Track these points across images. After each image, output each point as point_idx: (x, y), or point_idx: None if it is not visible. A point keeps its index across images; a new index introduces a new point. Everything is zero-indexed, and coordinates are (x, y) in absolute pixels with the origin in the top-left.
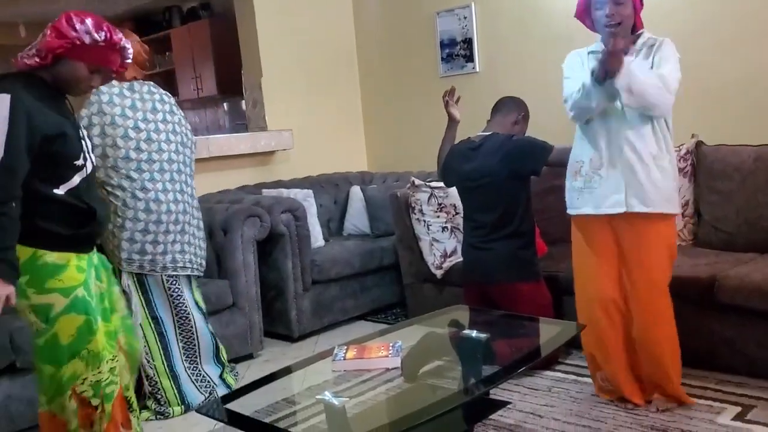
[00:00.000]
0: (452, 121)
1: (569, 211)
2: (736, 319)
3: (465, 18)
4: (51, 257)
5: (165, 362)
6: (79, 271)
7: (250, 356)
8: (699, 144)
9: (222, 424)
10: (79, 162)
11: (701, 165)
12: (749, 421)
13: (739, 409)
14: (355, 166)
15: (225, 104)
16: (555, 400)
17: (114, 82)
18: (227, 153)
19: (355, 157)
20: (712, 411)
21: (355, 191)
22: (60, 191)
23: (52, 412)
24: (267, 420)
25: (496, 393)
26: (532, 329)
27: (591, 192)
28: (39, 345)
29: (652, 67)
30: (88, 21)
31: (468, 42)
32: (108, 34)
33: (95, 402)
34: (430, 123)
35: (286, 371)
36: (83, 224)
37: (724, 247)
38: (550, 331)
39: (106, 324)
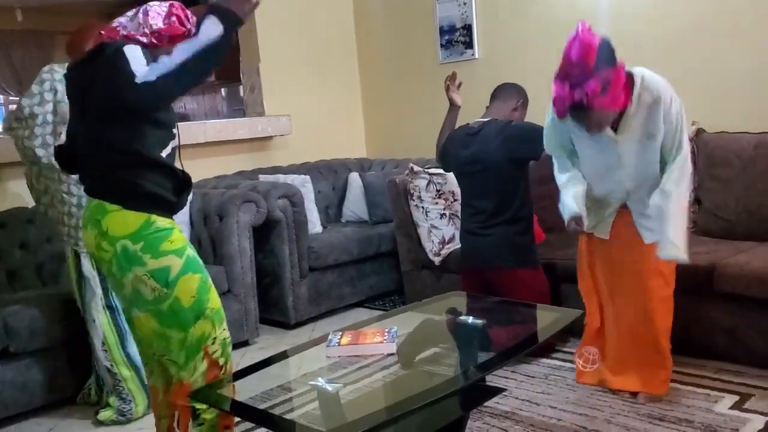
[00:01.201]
0: (453, 106)
1: None
2: (735, 307)
3: (465, 4)
4: (161, 221)
5: (122, 352)
6: (181, 233)
7: (245, 343)
8: (699, 131)
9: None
10: (175, 130)
11: (701, 152)
12: (747, 410)
13: (737, 397)
14: (353, 153)
15: (223, 90)
16: (551, 387)
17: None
18: (224, 138)
19: (353, 143)
20: (710, 399)
21: (354, 177)
22: (163, 154)
23: (181, 380)
24: (261, 406)
25: (493, 380)
26: (529, 316)
27: None
28: (163, 311)
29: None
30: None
31: (467, 28)
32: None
33: (222, 362)
34: (429, 109)
35: (281, 357)
36: (182, 190)
37: (723, 235)
38: (547, 318)
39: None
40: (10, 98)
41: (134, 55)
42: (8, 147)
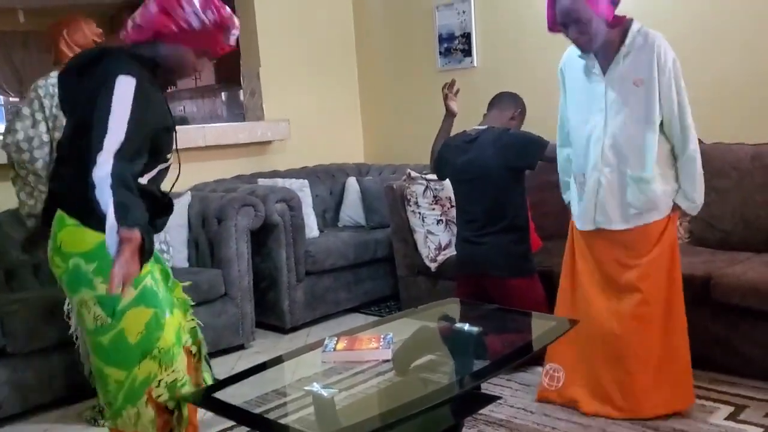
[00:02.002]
0: (449, 114)
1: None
2: (731, 318)
3: (464, 12)
4: None
5: None
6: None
7: (241, 347)
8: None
9: (210, 413)
10: (170, 155)
11: None
12: (742, 421)
13: (732, 408)
14: (352, 158)
15: (223, 94)
16: None
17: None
18: (223, 142)
19: (352, 148)
20: (705, 410)
21: (352, 182)
22: (143, 180)
23: (118, 429)
24: (257, 411)
25: (488, 388)
26: (525, 324)
27: None
28: (103, 344)
29: (657, 69)
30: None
31: (466, 36)
32: (217, 13)
33: (171, 405)
34: (427, 116)
35: (276, 362)
36: (159, 214)
37: (719, 245)
38: (542, 327)
39: (173, 316)
40: (11, 99)
41: (121, 91)
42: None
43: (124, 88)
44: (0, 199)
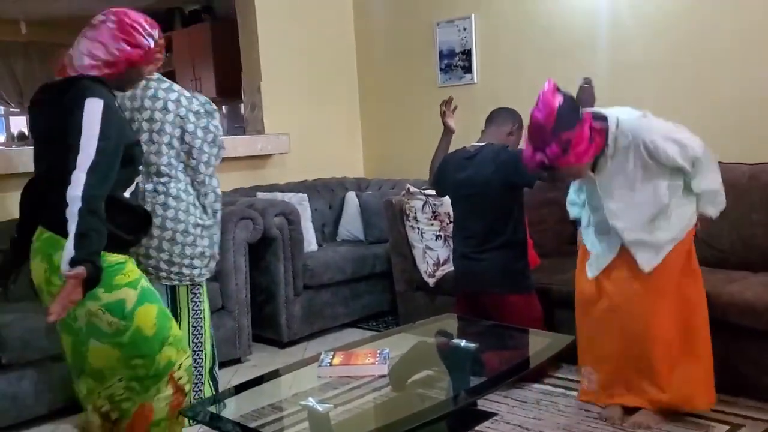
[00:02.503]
0: (447, 131)
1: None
2: (728, 337)
3: (464, 29)
4: (113, 257)
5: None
6: (134, 265)
7: (238, 360)
8: None
9: (206, 428)
10: (142, 167)
11: None
12: None
13: (727, 427)
14: (351, 172)
15: (224, 107)
16: (543, 413)
17: None
18: (224, 155)
19: (352, 163)
20: (701, 429)
21: (351, 197)
22: (126, 194)
23: (143, 404)
24: (252, 425)
25: (484, 404)
26: (522, 340)
27: None
28: (124, 343)
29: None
30: (144, 23)
31: (467, 53)
32: (159, 33)
33: (187, 389)
34: (427, 132)
35: (273, 376)
36: (140, 228)
37: (717, 264)
38: (539, 343)
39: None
40: (11, 109)
41: (90, 112)
42: (7, 158)
43: (94, 109)
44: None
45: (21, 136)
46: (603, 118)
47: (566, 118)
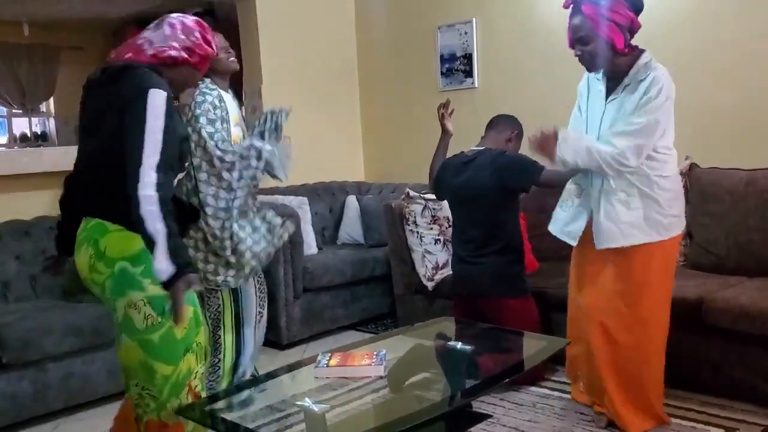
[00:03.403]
0: (445, 134)
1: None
2: (723, 341)
3: (465, 33)
4: None
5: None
6: None
7: None
8: (692, 166)
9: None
10: (188, 163)
11: (694, 187)
12: None
13: (722, 431)
14: (352, 176)
15: None
16: (539, 416)
17: None
18: None
19: (352, 166)
20: None
21: (351, 200)
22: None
23: (163, 421)
24: (251, 426)
25: (481, 407)
26: (517, 344)
27: None
28: (153, 342)
29: (637, 105)
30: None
31: (468, 57)
32: (212, 44)
33: (204, 395)
34: (428, 135)
35: (270, 377)
36: (187, 220)
37: (713, 269)
38: (534, 346)
39: None
40: (13, 111)
41: (154, 105)
42: (10, 160)
43: (157, 102)
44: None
45: (23, 138)
46: (642, 50)
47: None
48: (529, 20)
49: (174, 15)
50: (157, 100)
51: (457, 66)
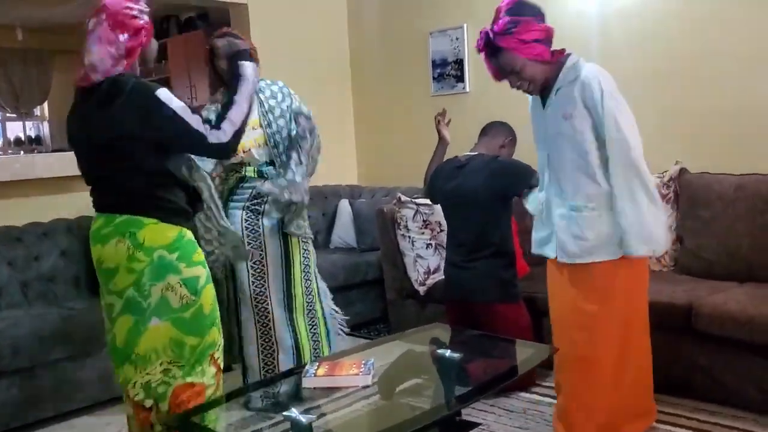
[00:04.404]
0: (442, 142)
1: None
2: (712, 347)
3: (457, 39)
4: (190, 235)
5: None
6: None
7: (228, 368)
8: (682, 171)
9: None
10: None
11: (684, 192)
12: None
13: None
14: (345, 180)
15: None
16: (529, 422)
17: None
18: None
19: (345, 170)
20: None
21: (344, 204)
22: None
23: (189, 382)
24: None
25: (471, 413)
26: (507, 350)
27: None
28: (185, 318)
29: (588, 109)
30: (131, 3)
31: (459, 63)
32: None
33: (223, 365)
34: (419, 139)
35: (259, 385)
36: (192, 203)
37: (703, 274)
38: (523, 354)
39: None
40: (7, 115)
41: (168, 98)
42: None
43: (167, 96)
44: None
45: (17, 142)
46: (568, 53)
47: (525, 7)
48: None
49: (89, 27)
50: (165, 94)
51: (448, 71)
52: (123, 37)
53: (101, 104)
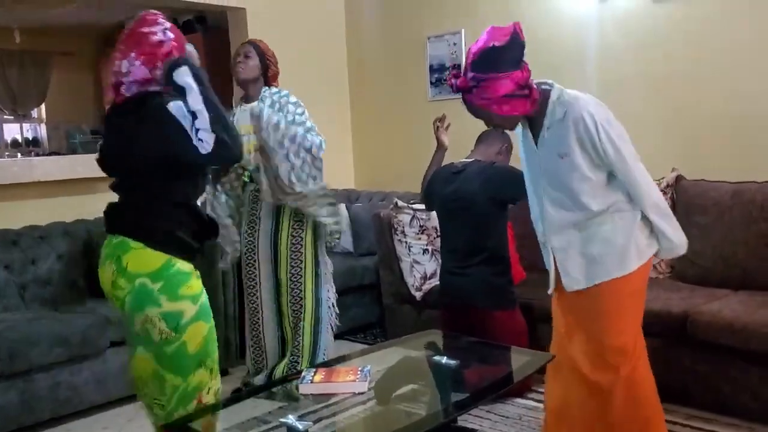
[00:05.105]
0: (440, 147)
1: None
2: (708, 354)
3: (455, 44)
4: (182, 265)
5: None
6: (198, 279)
7: (225, 372)
8: (679, 178)
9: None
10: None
11: (680, 199)
12: None
13: None
14: (342, 184)
15: None
16: (525, 428)
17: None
18: None
19: (342, 174)
20: None
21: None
22: (199, 201)
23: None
24: None
25: (467, 419)
26: (503, 358)
27: None
28: (167, 354)
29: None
30: (153, 26)
31: (457, 68)
32: (164, 17)
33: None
34: (417, 144)
35: (256, 391)
36: (207, 236)
37: (699, 281)
38: (519, 360)
39: None
40: (5, 117)
41: (176, 108)
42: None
43: (176, 106)
44: None
45: (15, 144)
46: (550, 85)
47: (492, 61)
48: None
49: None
50: (176, 108)
51: (446, 76)
52: (153, 67)
53: (127, 112)
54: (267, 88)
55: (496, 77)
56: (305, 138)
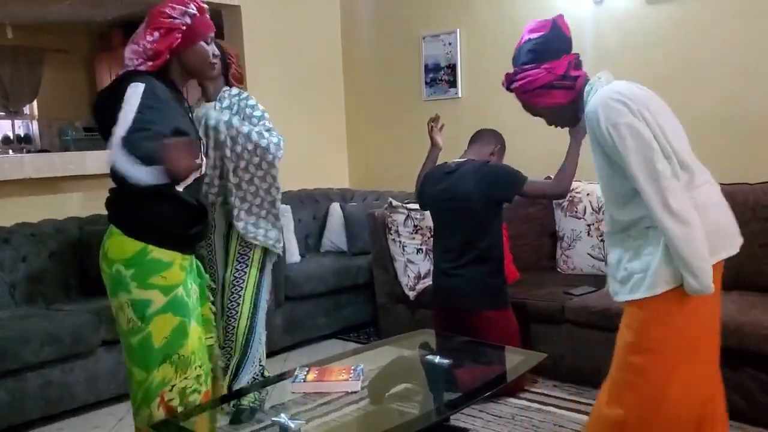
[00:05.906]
0: (434, 147)
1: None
2: None
3: (450, 44)
4: (159, 253)
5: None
6: (182, 270)
7: None
8: None
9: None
10: (198, 160)
11: None
12: None
13: None
14: (336, 183)
15: None
16: (517, 428)
17: None
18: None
19: (336, 173)
20: None
21: (335, 208)
22: (179, 188)
23: (137, 426)
24: None
25: (460, 419)
26: (496, 357)
27: None
28: (132, 345)
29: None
30: (174, 3)
31: (452, 68)
32: (196, 3)
33: (180, 410)
34: (411, 144)
35: (248, 390)
36: (194, 223)
37: None
38: (512, 360)
39: (199, 329)
40: None
41: (132, 92)
42: None
43: (134, 90)
44: None
45: (6, 140)
46: (598, 77)
47: (528, 54)
48: (512, 31)
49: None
50: (134, 89)
51: (441, 76)
52: (152, 37)
53: (105, 101)
54: (228, 88)
55: (531, 69)
56: (261, 135)
